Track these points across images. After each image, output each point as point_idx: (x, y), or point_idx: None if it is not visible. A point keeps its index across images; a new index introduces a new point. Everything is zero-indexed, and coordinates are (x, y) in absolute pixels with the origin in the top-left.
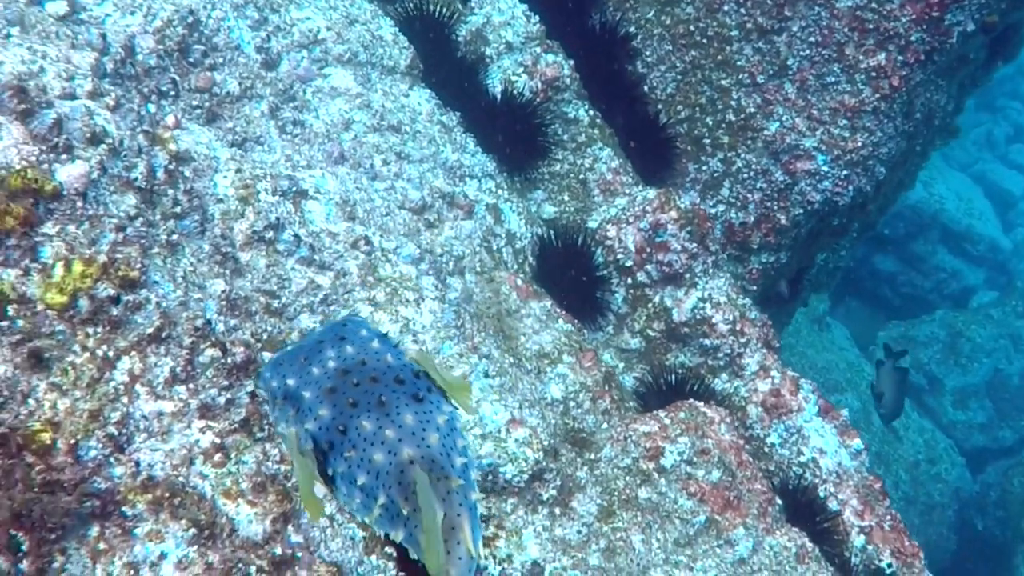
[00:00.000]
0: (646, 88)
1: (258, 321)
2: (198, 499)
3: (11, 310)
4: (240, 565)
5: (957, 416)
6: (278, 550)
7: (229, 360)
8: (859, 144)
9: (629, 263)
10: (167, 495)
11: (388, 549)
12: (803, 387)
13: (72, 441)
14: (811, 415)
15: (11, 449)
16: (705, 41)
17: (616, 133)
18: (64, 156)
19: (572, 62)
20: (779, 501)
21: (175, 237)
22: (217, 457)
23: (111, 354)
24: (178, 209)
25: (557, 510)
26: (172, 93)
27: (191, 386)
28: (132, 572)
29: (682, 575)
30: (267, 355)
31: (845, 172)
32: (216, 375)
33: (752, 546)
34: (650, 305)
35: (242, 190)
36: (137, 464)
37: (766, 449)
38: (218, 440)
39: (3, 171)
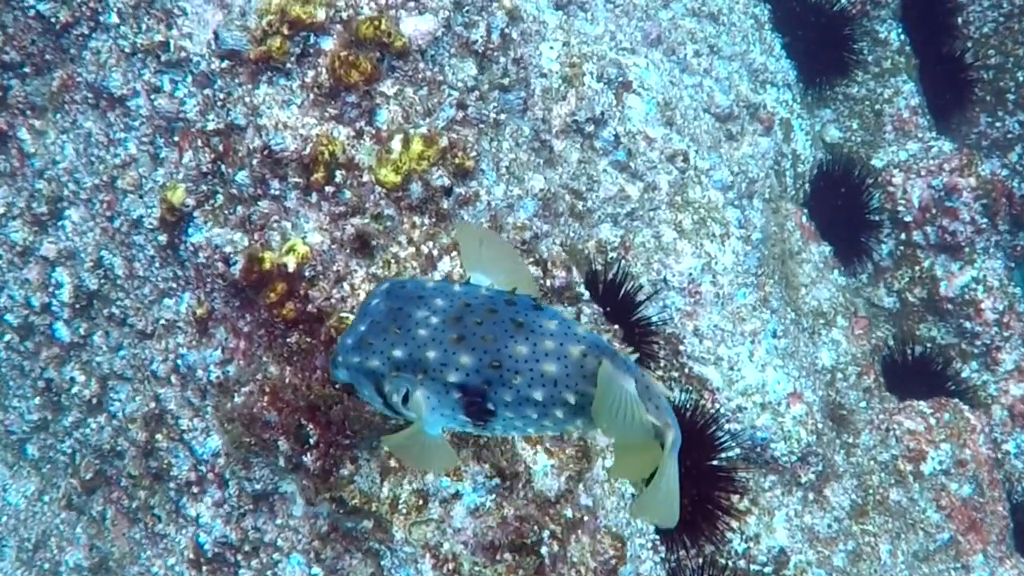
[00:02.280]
0: (959, 20)
1: (562, 224)
2: (501, 441)
3: (339, 176)
4: (535, 526)
5: None
6: (568, 512)
7: (548, 282)
8: None
9: (908, 218)
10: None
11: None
12: None
13: None
14: None
15: (317, 332)
16: None
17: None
18: (411, 4)
19: None
20: (1011, 524)
21: (502, 116)
22: None
23: (435, 252)
24: (506, 80)
25: (811, 495)
26: None
27: None
28: (420, 501)
29: None
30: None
31: None
32: None
33: None
34: (917, 268)
35: (568, 68)
36: None
37: (998, 455)
38: None
39: (351, 10)
